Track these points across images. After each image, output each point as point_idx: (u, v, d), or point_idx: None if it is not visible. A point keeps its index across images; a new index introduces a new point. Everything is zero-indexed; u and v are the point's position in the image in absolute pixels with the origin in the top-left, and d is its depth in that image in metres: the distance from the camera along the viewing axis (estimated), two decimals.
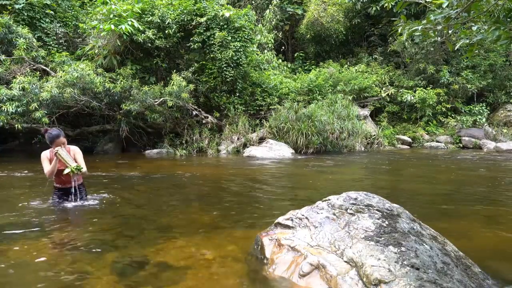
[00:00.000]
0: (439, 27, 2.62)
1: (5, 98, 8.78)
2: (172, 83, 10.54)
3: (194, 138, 11.27)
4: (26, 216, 3.93)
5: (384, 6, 14.08)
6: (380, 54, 16.73)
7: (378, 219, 2.43)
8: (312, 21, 16.45)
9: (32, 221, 3.73)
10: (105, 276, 2.42)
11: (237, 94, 12.07)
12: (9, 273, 2.50)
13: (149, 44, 11.09)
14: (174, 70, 11.28)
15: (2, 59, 9.93)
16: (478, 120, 14.17)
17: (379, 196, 2.78)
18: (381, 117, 14.77)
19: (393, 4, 3.30)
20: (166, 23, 11.27)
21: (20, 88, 8.97)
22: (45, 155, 4.16)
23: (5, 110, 8.64)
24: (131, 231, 3.44)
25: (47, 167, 4.10)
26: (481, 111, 14.40)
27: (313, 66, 16.91)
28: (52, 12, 12.06)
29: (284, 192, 5.39)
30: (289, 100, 12.23)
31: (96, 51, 11.12)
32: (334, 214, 2.60)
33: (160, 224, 3.67)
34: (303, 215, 2.72)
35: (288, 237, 2.56)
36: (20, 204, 4.43)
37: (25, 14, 11.39)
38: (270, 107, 12.27)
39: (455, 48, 3.29)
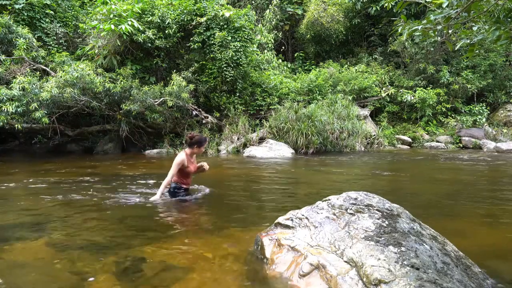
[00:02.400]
0: (439, 27, 2.61)
1: (5, 98, 8.78)
2: (172, 83, 10.54)
3: None
4: (26, 216, 3.93)
5: (384, 6, 14.07)
6: (380, 54, 16.73)
7: (378, 219, 2.43)
8: (312, 21, 16.45)
9: (32, 221, 3.73)
10: (105, 276, 2.42)
11: (237, 94, 12.07)
12: (9, 273, 2.50)
13: (149, 44, 11.10)
14: (174, 70, 11.29)
15: (2, 59, 9.93)
16: (478, 120, 14.16)
17: (379, 196, 2.78)
18: (381, 117, 14.77)
19: (393, 4, 3.30)
20: (166, 23, 11.28)
21: (20, 88, 8.98)
22: (183, 160, 4.37)
23: (5, 110, 8.64)
24: (131, 231, 3.44)
25: (175, 173, 4.35)
26: (481, 111, 14.40)
27: (313, 66, 16.92)
28: (52, 12, 12.07)
29: (284, 192, 5.39)
30: (289, 100, 12.23)
31: (96, 51, 11.12)
32: (334, 214, 2.60)
33: (160, 224, 3.67)
34: (303, 215, 2.72)
35: (288, 237, 2.56)
36: (19, 204, 4.43)
37: (25, 14, 11.39)
38: (270, 107, 12.27)
39: (455, 48, 3.29)
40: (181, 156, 4.40)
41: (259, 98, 12.55)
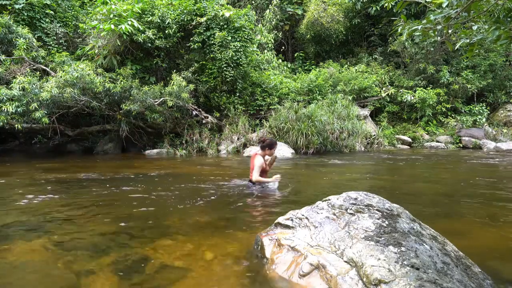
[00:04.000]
0: (439, 27, 2.61)
1: (5, 98, 8.78)
2: (172, 83, 10.55)
3: (194, 138, 11.27)
4: (26, 216, 3.93)
5: (384, 6, 14.05)
6: (380, 54, 16.73)
7: (378, 219, 2.43)
8: (312, 21, 16.46)
9: (32, 221, 3.73)
10: (105, 276, 2.42)
11: (237, 94, 12.08)
12: (9, 273, 2.50)
13: (149, 44, 11.10)
14: (174, 70, 11.29)
15: (2, 59, 9.93)
16: (478, 120, 14.17)
17: (379, 196, 2.78)
18: (381, 117, 14.77)
19: (393, 4, 3.30)
20: (166, 23, 11.28)
21: (20, 88, 8.98)
22: (262, 163, 5.07)
23: (5, 110, 8.64)
24: (131, 231, 3.44)
25: (259, 172, 5.03)
26: (481, 111, 14.40)
27: (313, 66, 16.93)
28: (52, 12, 12.07)
29: (284, 192, 5.38)
30: (289, 100, 12.24)
31: (96, 51, 11.12)
32: (334, 214, 2.60)
33: (160, 224, 3.67)
34: (303, 215, 2.72)
35: (288, 237, 2.56)
36: (19, 204, 4.43)
37: (25, 14, 11.39)
38: (270, 107, 12.27)
39: (455, 48, 3.29)
40: (260, 159, 5.06)
41: (259, 98, 12.55)
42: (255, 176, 5.05)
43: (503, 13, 2.61)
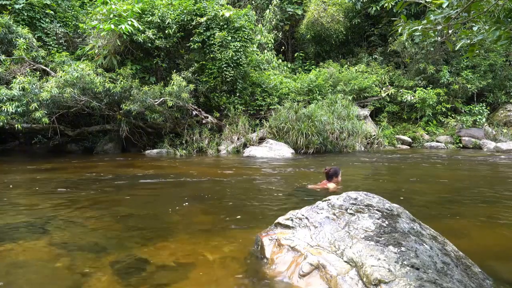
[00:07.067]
0: (439, 27, 2.62)
1: (5, 98, 8.78)
2: (172, 83, 10.55)
3: (194, 138, 11.27)
4: (26, 216, 3.93)
5: (384, 6, 14.11)
6: (380, 54, 16.73)
7: (378, 219, 2.43)
8: (312, 21, 16.45)
9: (32, 221, 3.73)
10: (105, 276, 2.42)
11: (237, 94, 12.08)
12: (9, 273, 2.50)
13: (149, 44, 11.10)
14: (174, 70, 11.29)
15: (2, 59, 9.93)
16: (478, 120, 14.16)
17: (379, 196, 2.78)
18: (381, 117, 14.77)
19: (393, 4, 3.30)
20: (166, 23, 11.28)
21: (20, 88, 8.97)
22: (334, 185, 5.35)
23: (5, 110, 8.64)
24: (131, 231, 3.44)
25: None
26: (481, 111, 14.40)
27: (313, 66, 16.92)
28: (52, 12, 12.07)
29: (284, 192, 5.38)
30: (289, 100, 12.24)
31: (96, 51, 11.12)
32: (334, 214, 2.60)
33: (160, 224, 3.67)
34: (303, 215, 2.72)
35: (288, 237, 2.56)
36: (20, 204, 4.43)
37: (25, 14, 11.39)
38: (270, 107, 12.27)
39: (455, 48, 3.29)
40: (333, 185, 5.34)
41: (259, 98, 12.55)
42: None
43: (503, 13, 2.61)
